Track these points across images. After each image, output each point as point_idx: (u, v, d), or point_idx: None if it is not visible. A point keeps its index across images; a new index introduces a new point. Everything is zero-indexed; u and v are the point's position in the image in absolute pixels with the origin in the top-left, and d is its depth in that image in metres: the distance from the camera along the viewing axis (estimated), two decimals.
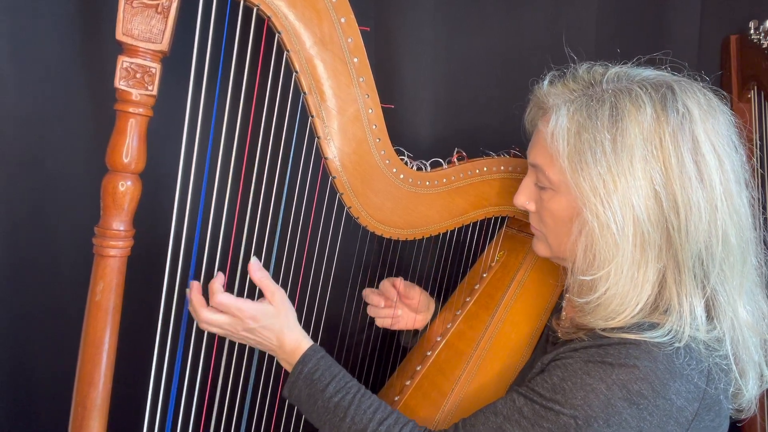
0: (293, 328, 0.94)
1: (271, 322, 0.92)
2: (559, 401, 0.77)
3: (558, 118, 0.83)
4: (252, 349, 1.01)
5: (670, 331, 0.77)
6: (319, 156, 0.94)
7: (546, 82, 0.90)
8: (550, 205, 0.87)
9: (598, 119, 0.80)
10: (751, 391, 0.84)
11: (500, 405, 0.82)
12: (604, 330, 0.80)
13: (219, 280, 0.91)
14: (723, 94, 0.85)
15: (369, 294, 1.15)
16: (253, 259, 0.93)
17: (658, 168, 0.78)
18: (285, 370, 0.97)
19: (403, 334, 1.24)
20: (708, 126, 0.79)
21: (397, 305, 1.14)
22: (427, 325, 1.18)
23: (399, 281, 1.13)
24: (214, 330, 0.92)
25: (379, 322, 1.16)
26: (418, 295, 1.15)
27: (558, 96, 0.85)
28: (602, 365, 0.76)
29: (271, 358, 1.03)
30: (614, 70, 0.86)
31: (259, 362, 1.01)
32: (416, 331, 1.21)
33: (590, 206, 0.79)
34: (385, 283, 1.14)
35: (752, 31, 1.31)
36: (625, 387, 0.74)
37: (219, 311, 0.90)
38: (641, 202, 0.78)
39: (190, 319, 0.91)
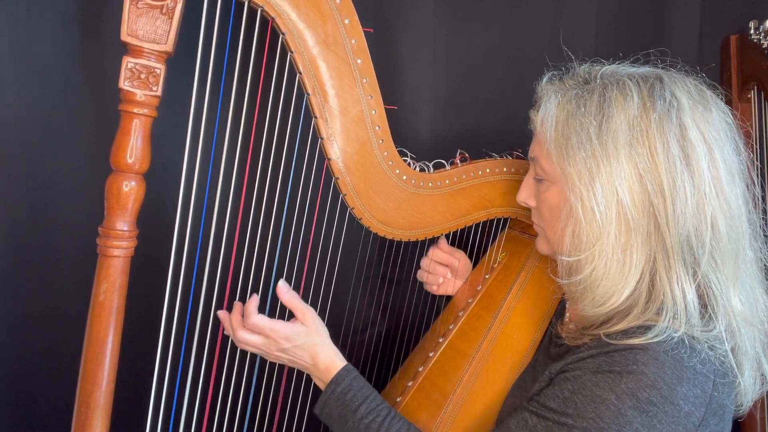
0: (326, 346, 0.96)
1: (304, 342, 0.94)
2: (571, 415, 0.77)
3: (548, 107, 0.85)
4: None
5: (667, 327, 0.77)
6: (323, 157, 0.94)
7: (545, 79, 0.92)
8: (546, 196, 0.89)
9: (585, 107, 0.81)
10: (746, 382, 0.84)
11: (513, 426, 0.83)
12: (608, 336, 0.80)
13: (254, 302, 0.93)
14: (719, 90, 0.86)
15: (431, 264, 1.17)
16: (281, 282, 0.96)
17: (643, 153, 0.78)
18: (296, 376, 0.99)
19: (440, 299, 1.25)
20: (697, 114, 0.80)
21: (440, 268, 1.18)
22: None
23: (443, 242, 1.15)
24: (248, 349, 0.95)
25: (428, 287, 1.19)
26: (464, 257, 1.19)
27: (551, 90, 0.87)
28: (610, 374, 0.76)
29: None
30: (610, 67, 0.88)
31: (261, 363, 1.01)
32: (449, 298, 1.23)
33: (575, 190, 0.81)
34: (437, 253, 1.17)
35: (752, 31, 1.31)
36: (635, 395, 0.74)
37: (254, 332, 0.93)
38: (625, 186, 0.79)
39: (193, 320, 0.91)
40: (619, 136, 0.79)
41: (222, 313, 0.96)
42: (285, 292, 0.96)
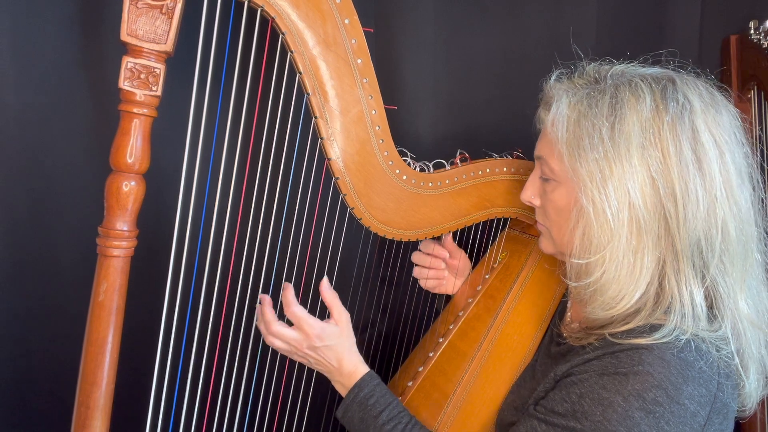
0: (353, 352, 0.97)
1: (335, 343, 0.94)
2: (579, 419, 0.77)
3: (559, 106, 0.84)
4: (254, 350, 1.00)
5: (675, 328, 0.77)
6: (323, 157, 0.94)
7: (553, 78, 0.91)
8: (553, 196, 0.88)
9: (597, 108, 0.81)
10: (751, 385, 0.84)
11: None
12: (613, 336, 0.80)
13: (291, 291, 0.94)
14: (727, 91, 0.86)
15: (419, 256, 1.16)
16: (325, 280, 0.97)
17: (655, 156, 0.78)
18: (296, 376, 1.00)
19: (439, 300, 1.26)
20: (709, 118, 0.80)
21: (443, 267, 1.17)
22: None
23: (449, 238, 1.14)
24: (278, 345, 0.95)
25: (423, 283, 1.18)
26: (464, 257, 1.18)
27: (561, 89, 0.87)
28: (616, 376, 0.76)
29: (273, 360, 1.03)
30: (619, 67, 0.87)
31: (261, 363, 1.01)
32: (449, 298, 1.23)
33: (586, 192, 0.80)
34: (429, 244, 1.15)
35: (752, 31, 1.31)
36: (641, 396, 0.74)
37: (288, 326, 0.93)
38: (637, 188, 0.78)
39: (193, 320, 0.91)
40: (632, 137, 0.78)
41: (265, 299, 0.94)
42: (327, 290, 0.96)
